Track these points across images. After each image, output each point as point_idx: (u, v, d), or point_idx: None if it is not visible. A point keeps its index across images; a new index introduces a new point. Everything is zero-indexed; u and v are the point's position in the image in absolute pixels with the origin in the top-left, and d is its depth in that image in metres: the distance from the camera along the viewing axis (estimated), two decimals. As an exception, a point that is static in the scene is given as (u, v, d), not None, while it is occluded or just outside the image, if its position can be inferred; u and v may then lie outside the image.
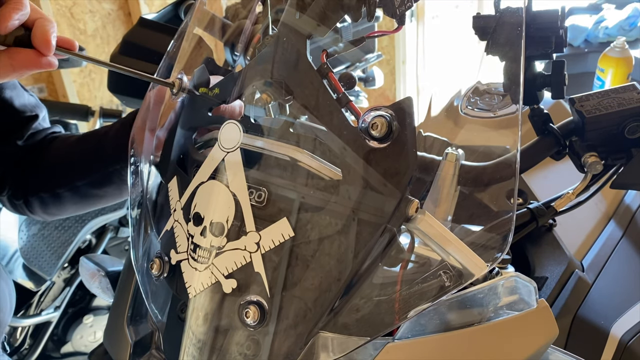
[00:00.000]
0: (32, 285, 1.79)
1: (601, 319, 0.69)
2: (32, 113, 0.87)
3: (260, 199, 0.51)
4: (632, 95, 0.65)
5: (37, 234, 1.79)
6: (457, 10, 2.75)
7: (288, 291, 0.50)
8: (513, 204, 0.50)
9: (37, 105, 0.89)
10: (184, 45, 0.69)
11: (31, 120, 0.87)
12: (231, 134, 0.54)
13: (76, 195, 0.86)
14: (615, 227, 0.85)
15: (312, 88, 0.51)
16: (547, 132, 0.68)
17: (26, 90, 0.88)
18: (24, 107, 0.86)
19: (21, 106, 0.86)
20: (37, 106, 0.89)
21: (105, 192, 0.85)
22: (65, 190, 0.85)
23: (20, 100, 0.85)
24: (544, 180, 0.88)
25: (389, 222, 0.47)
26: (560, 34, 0.64)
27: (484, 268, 0.48)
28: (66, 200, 0.86)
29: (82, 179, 0.84)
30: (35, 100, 0.90)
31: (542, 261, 0.78)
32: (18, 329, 1.81)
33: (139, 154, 0.67)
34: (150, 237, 0.61)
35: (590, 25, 2.29)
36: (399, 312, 0.48)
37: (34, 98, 0.89)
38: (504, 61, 0.61)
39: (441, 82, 1.11)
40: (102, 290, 0.96)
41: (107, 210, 1.83)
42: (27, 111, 0.87)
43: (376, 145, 0.48)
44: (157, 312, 0.61)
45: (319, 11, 0.54)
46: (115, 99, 1.37)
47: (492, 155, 0.62)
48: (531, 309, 0.51)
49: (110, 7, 2.64)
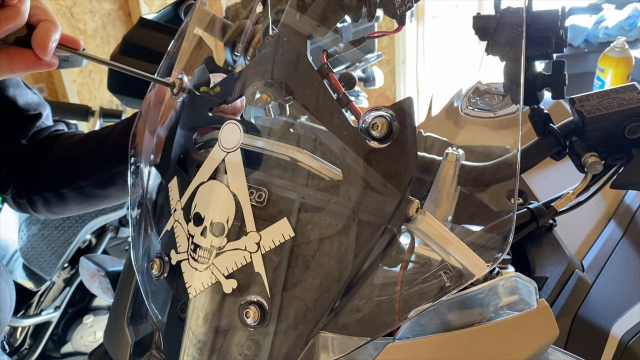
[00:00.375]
0: (32, 285, 1.79)
1: (601, 319, 0.69)
2: (35, 111, 0.88)
3: (260, 199, 0.51)
4: (632, 95, 0.65)
5: (37, 234, 1.79)
6: (457, 10, 2.75)
7: (288, 291, 0.50)
8: (513, 204, 0.50)
9: (41, 104, 0.89)
10: (184, 46, 0.69)
11: (35, 119, 0.87)
12: (231, 134, 0.54)
13: (80, 195, 0.86)
14: (615, 227, 0.85)
15: (312, 88, 0.51)
16: (547, 132, 0.68)
17: (30, 89, 0.88)
18: (28, 106, 0.86)
19: (24, 105, 0.86)
20: (40, 104, 0.89)
21: (109, 192, 0.85)
22: (69, 190, 0.85)
23: (23, 99, 0.86)
24: (544, 180, 0.88)
25: (389, 223, 0.47)
26: (560, 34, 0.64)
27: (484, 268, 0.48)
28: (70, 200, 0.87)
29: (87, 179, 0.84)
30: (39, 99, 0.90)
31: (542, 261, 0.78)
32: (18, 329, 1.81)
33: (139, 154, 0.67)
34: (151, 237, 0.61)
35: (590, 25, 2.29)
36: (399, 312, 0.48)
37: (37, 96, 0.89)
38: (504, 61, 0.61)
39: (441, 82, 1.11)
40: (102, 290, 0.96)
41: (107, 210, 1.83)
42: (30, 110, 0.87)
43: (376, 145, 0.48)
44: (157, 312, 0.61)
45: (319, 12, 0.54)
46: (115, 99, 1.37)
47: (492, 156, 0.62)
48: (531, 309, 0.51)
49: (110, 7, 2.64)
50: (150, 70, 0.64)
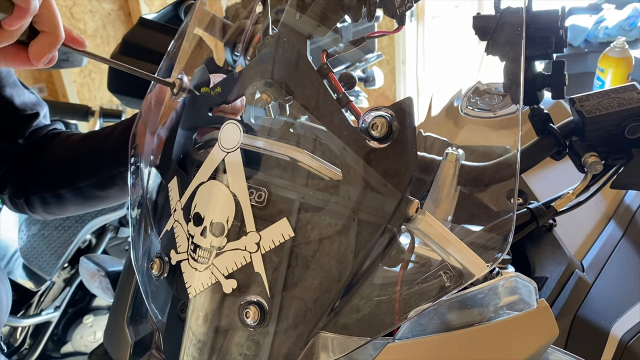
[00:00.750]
0: (32, 285, 1.79)
1: (601, 319, 0.69)
2: (32, 111, 0.87)
3: (260, 199, 0.51)
4: (632, 95, 0.64)
5: (37, 234, 1.79)
6: (457, 10, 2.75)
7: (288, 291, 0.50)
8: (513, 204, 0.50)
9: (38, 103, 0.89)
10: (184, 46, 0.69)
11: (32, 118, 0.87)
12: (231, 134, 0.54)
13: (79, 196, 0.86)
14: (615, 227, 0.85)
15: (312, 88, 0.51)
16: (547, 132, 0.68)
17: (27, 88, 0.88)
18: (25, 105, 0.86)
19: (22, 104, 0.86)
20: (37, 104, 0.89)
21: (107, 193, 0.85)
22: (68, 191, 0.85)
23: (20, 99, 0.85)
24: (544, 180, 0.88)
25: (389, 223, 0.47)
26: (560, 34, 0.64)
27: (484, 268, 0.48)
28: (68, 200, 0.86)
29: (86, 180, 0.84)
30: (36, 98, 0.90)
31: (542, 261, 0.78)
32: (18, 329, 1.81)
33: (139, 155, 0.67)
34: (150, 237, 0.62)
35: (590, 25, 2.29)
36: (399, 312, 0.48)
37: (34, 96, 0.89)
38: (504, 61, 0.61)
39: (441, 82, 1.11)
40: (102, 290, 0.96)
41: (107, 210, 1.83)
42: (27, 109, 0.87)
43: (376, 145, 0.48)
44: (157, 312, 0.61)
45: (319, 11, 0.54)
46: (115, 99, 1.37)
47: (492, 156, 0.62)
48: (531, 309, 0.51)
49: (110, 7, 2.64)
50: (150, 70, 0.64)
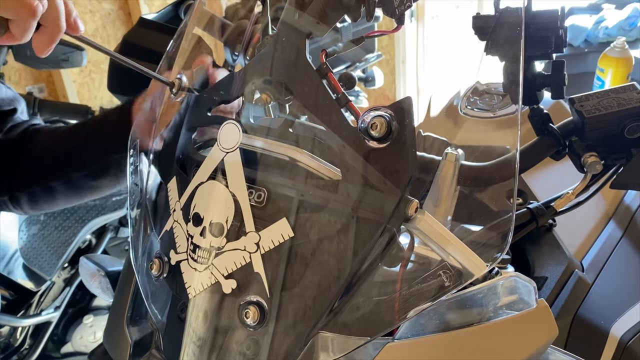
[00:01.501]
0: (32, 285, 1.79)
1: (601, 319, 0.69)
2: (10, 107, 0.87)
3: (259, 199, 0.51)
4: (632, 95, 0.64)
5: (37, 234, 1.79)
6: (457, 10, 2.75)
7: (288, 291, 0.50)
8: (513, 204, 0.50)
9: (15, 99, 0.88)
10: (183, 45, 0.69)
11: (9, 114, 0.86)
12: (230, 134, 0.54)
13: (70, 187, 0.85)
14: (615, 227, 0.85)
15: (311, 86, 0.51)
16: (547, 132, 0.68)
17: (3, 84, 0.88)
18: (1, 101, 0.85)
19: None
20: (15, 99, 0.88)
21: (101, 183, 0.84)
22: (59, 184, 0.84)
23: None
24: (544, 180, 0.88)
25: (389, 222, 0.47)
26: (560, 34, 0.64)
27: (484, 268, 0.48)
28: (59, 193, 0.85)
29: (79, 170, 0.83)
30: (13, 94, 0.89)
31: (542, 261, 0.78)
32: (18, 329, 1.81)
33: (139, 154, 0.67)
34: (150, 238, 0.62)
35: (590, 25, 2.29)
36: (399, 311, 0.48)
37: (11, 91, 0.88)
38: (503, 61, 0.61)
39: (441, 82, 1.11)
40: (102, 290, 0.96)
41: (107, 210, 1.83)
42: (4, 105, 0.86)
43: (375, 145, 0.48)
44: (157, 312, 0.61)
45: (319, 9, 0.54)
46: (115, 99, 1.38)
47: (491, 155, 0.62)
48: (531, 308, 0.51)
49: (110, 7, 2.64)
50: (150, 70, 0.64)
